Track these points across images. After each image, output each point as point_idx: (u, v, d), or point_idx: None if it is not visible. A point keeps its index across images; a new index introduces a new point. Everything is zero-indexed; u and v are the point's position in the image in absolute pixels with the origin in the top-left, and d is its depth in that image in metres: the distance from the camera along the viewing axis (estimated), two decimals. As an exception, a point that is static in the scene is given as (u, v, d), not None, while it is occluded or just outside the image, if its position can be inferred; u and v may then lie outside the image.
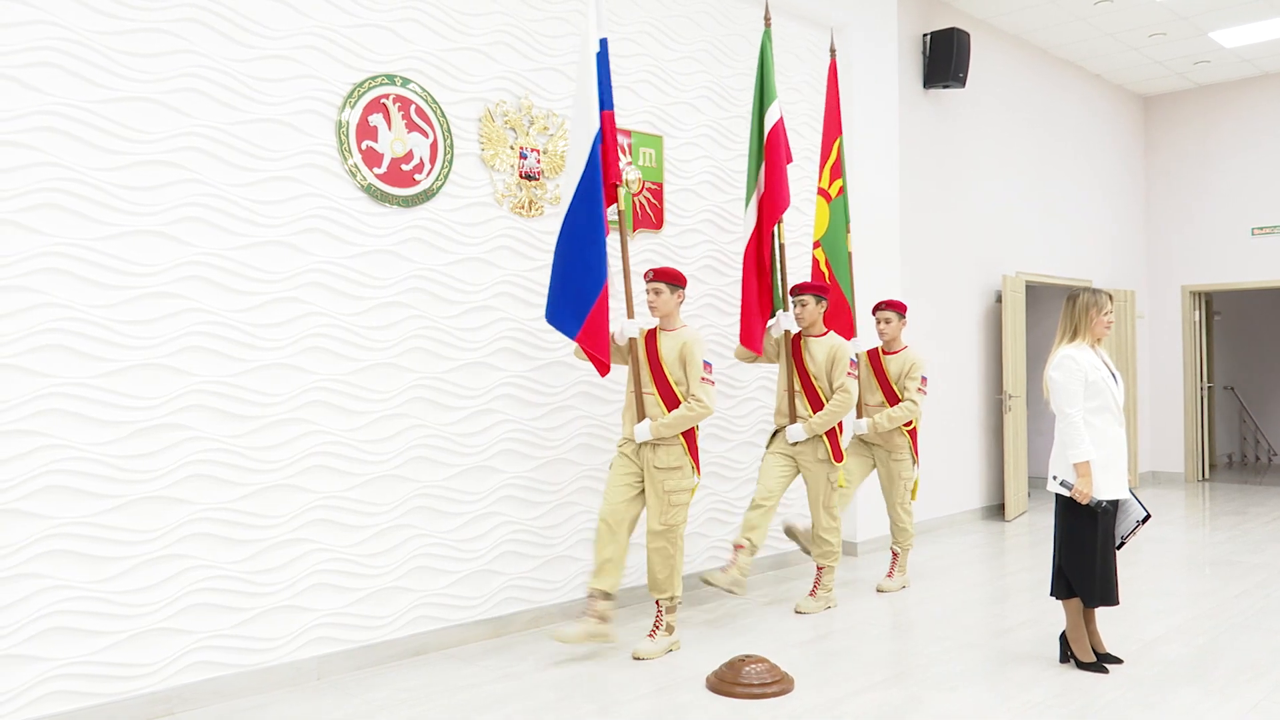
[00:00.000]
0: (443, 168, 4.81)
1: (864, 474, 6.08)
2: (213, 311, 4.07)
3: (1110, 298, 4.36)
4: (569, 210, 4.61)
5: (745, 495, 6.18)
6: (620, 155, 5.61)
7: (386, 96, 4.61)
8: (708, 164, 6.12)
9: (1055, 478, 4.29)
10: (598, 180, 4.58)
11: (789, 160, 5.52)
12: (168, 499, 3.93)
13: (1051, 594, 4.43)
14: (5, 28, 3.58)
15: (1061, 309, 4.40)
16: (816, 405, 5.35)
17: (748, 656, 4.21)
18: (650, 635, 4.66)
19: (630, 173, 5.65)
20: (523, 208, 5.14)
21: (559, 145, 5.30)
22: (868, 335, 7.12)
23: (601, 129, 4.66)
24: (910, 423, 5.88)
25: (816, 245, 6.00)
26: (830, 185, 6.02)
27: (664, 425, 4.57)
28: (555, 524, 5.25)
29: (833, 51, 6.20)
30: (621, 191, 4.85)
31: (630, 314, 4.75)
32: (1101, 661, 4.38)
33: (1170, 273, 10.75)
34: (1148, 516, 4.37)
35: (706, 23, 6.15)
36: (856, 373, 5.42)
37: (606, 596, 4.57)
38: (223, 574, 4.07)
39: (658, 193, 5.81)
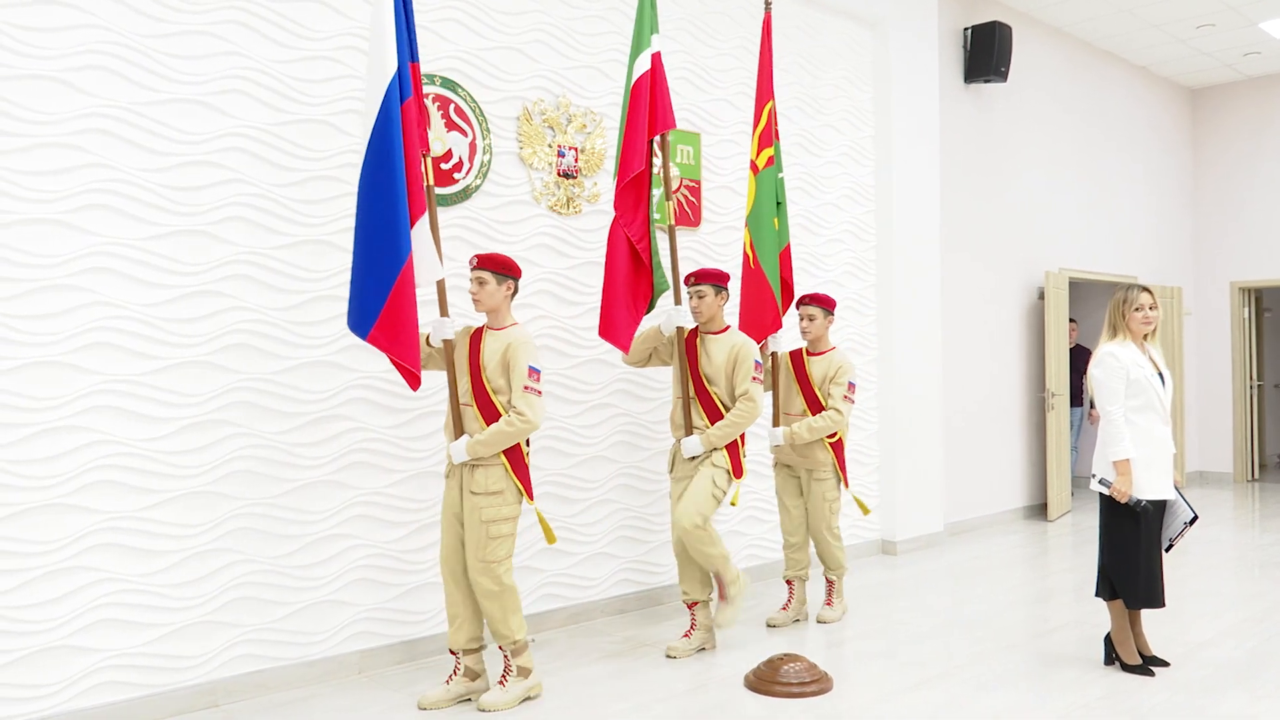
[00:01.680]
0: (481, 166, 4.84)
1: (802, 503, 5.23)
2: (256, 309, 4.13)
3: (1145, 291, 4.29)
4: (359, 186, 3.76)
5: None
6: (658, 152, 5.59)
7: (426, 96, 4.64)
8: (746, 160, 6.10)
9: (1094, 475, 4.27)
10: (392, 145, 3.72)
11: (668, 124, 4.67)
12: (213, 494, 3.99)
13: (1096, 595, 4.36)
14: (56, 32, 3.65)
15: (1109, 305, 4.38)
16: (713, 415, 4.58)
17: (787, 655, 4.19)
18: (500, 683, 3.97)
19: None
20: (561, 206, 5.16)
21: (597, 143, 5.30)
22: (887, 340, 7.06)
23: (411, 84, 3.86)
24: (835, 435, 5.09)
25: (746, 225, 5.20)
26: (759, 155, 5.18)
27: (479, 443, 3.84)
28: (593, 521, 5.26)
29: (768, 4, 5.35)
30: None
31: (444, 311, 4.01)
32: (1148, 664, 4.31)
33: (1219, 268, 10.53)
34: (1195, 518, 4.29)
35: (744, 19, 6.13)
36: (763, 377, 4.68)
37: (471, 651, 4.02)
38: (267, 568, 4.13)
39: (695, 190, 5.80)
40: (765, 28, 5.32)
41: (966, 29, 7.73)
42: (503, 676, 3.98)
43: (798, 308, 5.18)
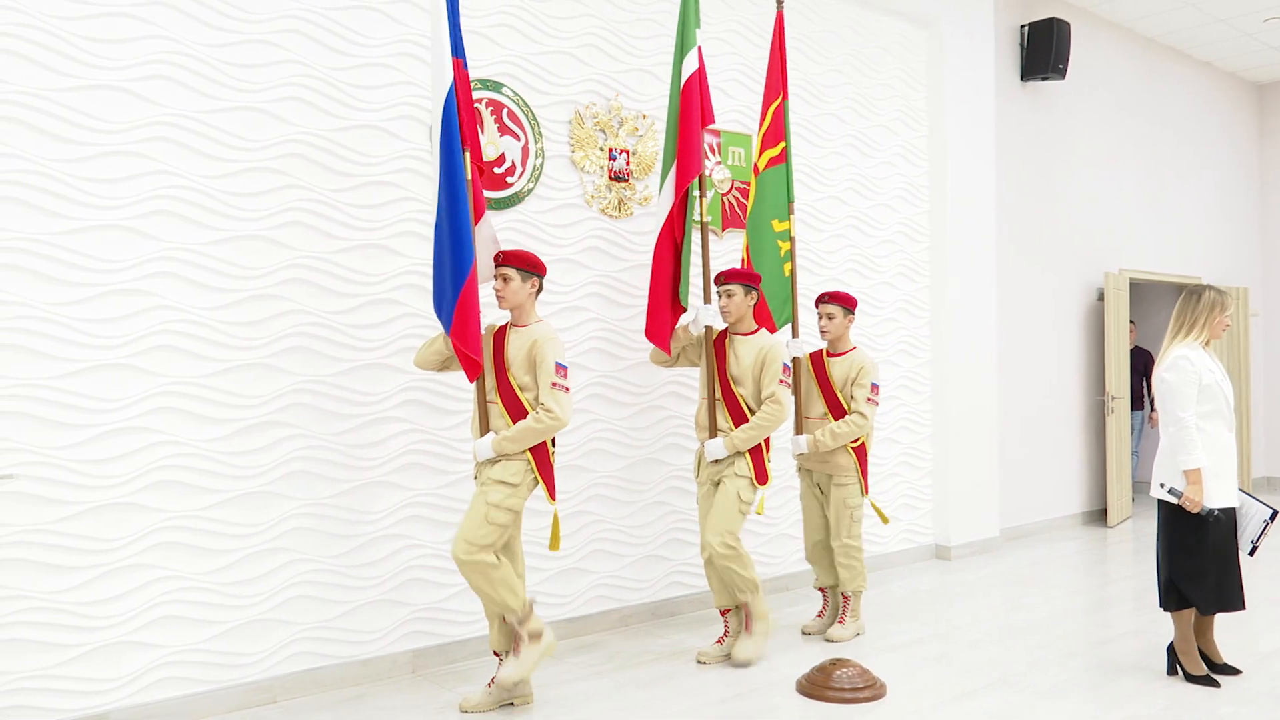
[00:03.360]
0: (534, 170, 4.87)
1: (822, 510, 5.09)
2: (315, 313, 4.20)
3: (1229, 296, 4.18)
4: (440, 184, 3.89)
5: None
6: (710, 154, 5.60)
7: (480, 101, 4.69)
8: (798, 162, 6.05)
9: (1163, 485, 4.11)
10: (455, 143, 3.86)
11: (709, 120, 4.71)
12: (272, 494, 4.07)
13: (1161, 606, 4.24)
14: (122, 43, 3.75)
15: (1178, 304, 4.20)
16: (739, 418, 4.49)
17: (839, 660, 4.16)
18: (514, 652, 3.89)
19: (720, 172, 5.64)
20: (612, 208, 5.17)
21: (648, 146, 5.31)
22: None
23: (454, 82, 3.91)
24: (858, 439, 4.92)
25: (745, 229, 5.19)
26: (760, 156, 5.09)
27: (506, 440, 3.81)
28: (645, 523, 5.26)
29: (780, 1, 5.18)
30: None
31: None
32: (1217, 672, 4.20)
33: (1287, 268, 10.24)
34: (1275, 513, 4.12)
35: (796, 20, 6.10)
36: (790, 380, 4.56)
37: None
38: (323, 568, 4.20)
39: (746, 192, 5.78)
40: (777, 25, 5.16)
41: (1023, 26, 7.61)
42: (515, 645, 3.88)
43: (816, 306, 5.05)
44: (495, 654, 4.01)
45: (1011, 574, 6.38)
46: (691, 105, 4.57)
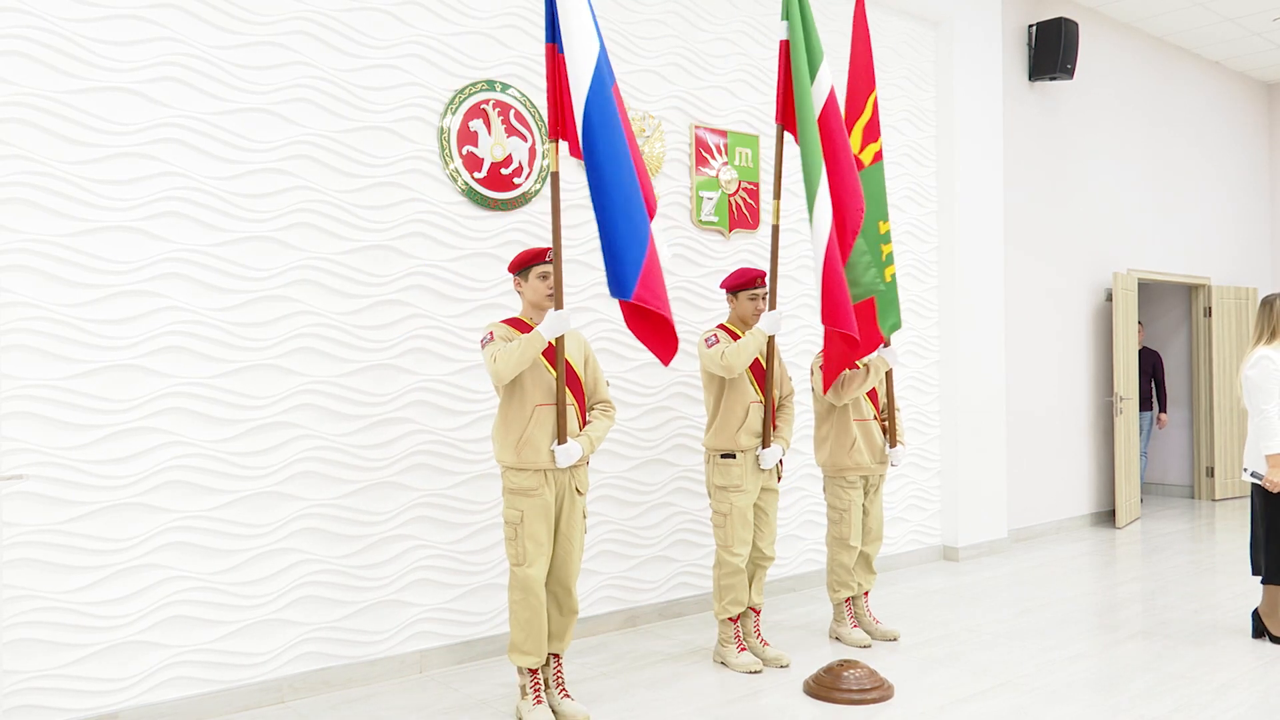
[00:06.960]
0: (541, 171, 4.87)
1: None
2: (322, 314, 4.21)
3: None
4: (592, 164, 3.67)
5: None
6: (716, 154, 5.59)
7: (486, 102, 4.70)
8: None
9: (1246, 469, 4.61)
10: (612, 115, 3.68)
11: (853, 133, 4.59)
12: (279, 495, 4.08)
13: (1260, 577, 4.71)
14: (131, 45, 3.77)
15: (1259, 312, 4.76)
16: (773, 419, 4.49)
17: (847, 661, 4.15)
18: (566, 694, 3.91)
19: (726, 173, 5.63)
20: (619, 209, 5.16)
21: (654, 147, 5.31)
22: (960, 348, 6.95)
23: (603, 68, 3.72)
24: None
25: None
26: (863, 151, 4.84)
27: (598, 440, 3.85)
28: (652, 524, 5.26)
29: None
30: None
31: (559, 303, 3.72)
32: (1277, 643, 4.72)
33: (1297, 269, 10.20)
34: None
35: (803, 20, 6.09)
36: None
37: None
38: (331, 568, 4.20)
39: (754, 193, 5.77)
40: (858, 14, 4.92)
41: (1031, 26, 7.59)
42: (565, 687, 3.94)
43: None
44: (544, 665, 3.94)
45: (1020, 575, 6.36)
46: (839, 134, 4.38)
